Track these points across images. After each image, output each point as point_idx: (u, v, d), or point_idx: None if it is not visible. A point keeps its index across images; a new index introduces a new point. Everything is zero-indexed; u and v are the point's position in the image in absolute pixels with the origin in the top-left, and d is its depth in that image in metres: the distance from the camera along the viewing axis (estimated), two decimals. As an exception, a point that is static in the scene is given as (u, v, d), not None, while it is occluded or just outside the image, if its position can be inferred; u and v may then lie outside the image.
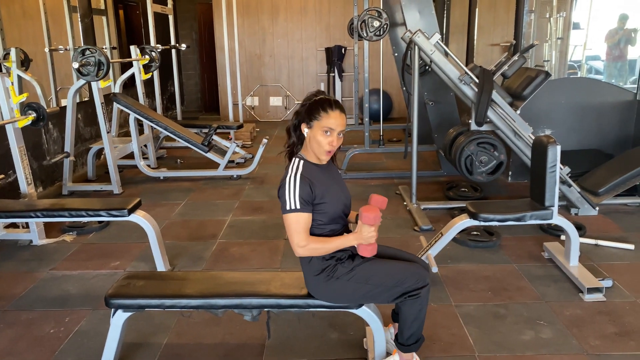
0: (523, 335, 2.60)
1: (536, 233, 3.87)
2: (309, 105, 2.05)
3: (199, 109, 10.55)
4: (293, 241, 2.01)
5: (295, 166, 2.05)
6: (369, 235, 2.00)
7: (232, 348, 2.57)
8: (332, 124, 1.99)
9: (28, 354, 2.55)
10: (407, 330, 2.14)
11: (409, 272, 2.10)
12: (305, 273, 2.14)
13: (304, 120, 2.04)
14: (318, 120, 2.00)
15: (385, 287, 2.08)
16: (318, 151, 2.04)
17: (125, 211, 3.16)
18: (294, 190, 1.98)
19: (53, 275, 3.39)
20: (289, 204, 1.98)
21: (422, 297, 2.09)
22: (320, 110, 2.00)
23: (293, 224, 2.00)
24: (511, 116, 3.94)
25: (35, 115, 3.79)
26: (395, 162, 6.17)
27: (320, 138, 2.00)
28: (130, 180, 5.56)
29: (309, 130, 2.03)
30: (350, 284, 2.08)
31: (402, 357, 2.16)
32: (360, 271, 2.08)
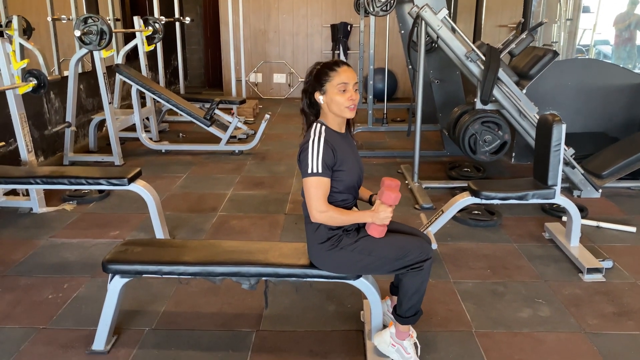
0: (520, 313, 2.59)
1: (537, 214, 3.85)
2: (315, 72, 2.02)
3: (202, 85, 10.48)
4: (312, 205, 1.98)
5: (318, 130, 2.01)
6: (385, 216, 2.00)
7: (230, 317, 2.58)
8: (345, 78, 1.97)
9: (26, 318, 2.56)
10: (407, 302, 2.13)
11: (412, 244, 2.09)
12: (309, 240, 2.13)
13: (316, 89, 2.01)
14: (329, 81, 1.97)
15: (388, 259, 2.07)
16: (340, 111, 2.00)
17: (125, 180, 3.15)
18: (317, 154, 1.96)
19: (52, 243, 3.39)
20: (311, 168, 1.96)
21: (425, 270, 2.08)
22: (328, 71, 1.98)
23: (313, 188, 1.98)
24: (517, 95, 3.89)
25: (36, 82, 3.76)
26: (398, 141, 6.12)
27: (338, 97, 1.98)
28: (132, 153, 5.54)
29: (324, 96, 2.00)
30: (353, 255, 2.07)
31: (398, 329, 2.16)
32: (364, 242, 2.07)
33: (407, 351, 2.17)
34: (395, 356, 2.17)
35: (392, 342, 2.18)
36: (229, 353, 2.31)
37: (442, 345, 2.34)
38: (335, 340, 2.39)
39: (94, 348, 2.30)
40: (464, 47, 3.93)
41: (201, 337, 2.42)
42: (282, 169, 5.06)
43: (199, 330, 2.47)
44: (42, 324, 2.52)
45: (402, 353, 2.16)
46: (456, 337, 2.40)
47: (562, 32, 6.76)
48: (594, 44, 7.46)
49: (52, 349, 2.33)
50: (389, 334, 2.19)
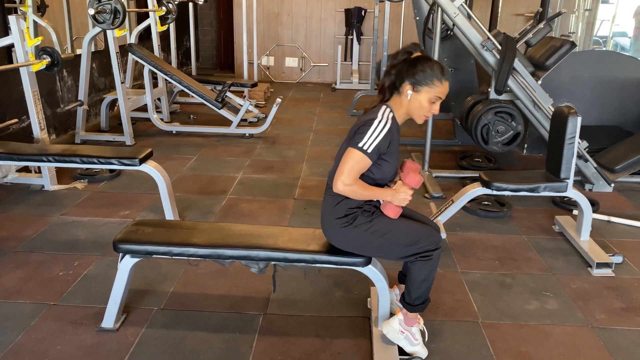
0: (528, 305, 2.59)
1: (548, 206, 3.83)
2: (419, 67, 1.97)
3: (214, 66, 10.45)
4: (341, 176, 1.97)
5: (387, 115, 2.00)
6: (404, 197, 2.02)
7: (237, 300, 2.60)
8: (443, 94, 2.00)
9: (37, 294, 2.59)
10: (415, 290, 2.13)
11: (424, 232, 2.10)
12: (326, 212, 2.13)
13: (411, 82, 1.98)
14: (431, 87, 1.97)
15: (399, 244, 2.07)
16: (416, 114, 2.03)
17: (136, 160, 3.16)
18: (376, 136, 1.95)
19: (63, 220, 3.42)
20: (364, 143, 1.95)
21: (434, 260, 2.09)
22: (435, 79, 1.97)
23: (353, 161, 1.97)
24: (532, 86, 3.84)
25: (50, 60, 3.76)
26: (410, 129, 6.06)
27: (425, 104, 1.99)
28: (143, 133, 5.55)
29: (415, 93, 1.99)
30: (366, 235, 2.07)
31: (406, 317, 2.17)
32: (378, 224, 2.07)
33: (415, 337, 2.18)
34: (403, 343, 2.18)
35: (401, 329, 2.18)
36: (236, 335, 2.33)
37: (448, 335, 2.35)
38: (342, 326, 2.40)
39: (103, 325, 2.33)
40: (480, 36, 3.88)
41: (209, 318, 2.44)
42: (292, 153, 5.05)
43: (207, 311, 2.49)
44: (52, 300, 2.55)
45: (411, 339, 2.17)
46: (462, 327, 2.40)
47: (580, 22, 6.66)
48: (612, 36, 7.34)
49: (62, 325, 2.36)
50: (397, 321, 2.20)
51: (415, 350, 2.18)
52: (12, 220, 3.41)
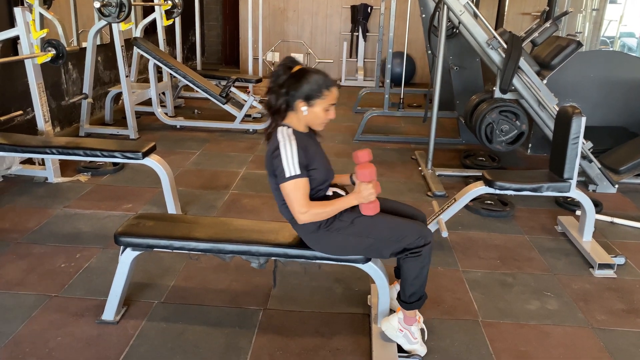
0: (528, 305, 2.58)
1: (551, 206, 3.81)
2: (306, 82, 1.96)
3: (219, 62, 10.44)
4: (294, 209, 1.98)
5: (287, 134, 2.00)
6: (368, 193, 2.01)
7: (238, 295, 2.60)
8: (333, 100, 2.01)
9: (38, 285, 2.61)
10: (409, 288, 2.12)
11: (410, 228, 2.08)
12: (303, 237, 2.12)
13: (303, 98, 1.97)
14: (322, 98, 1.98)
15: (385, 242, 2.06)
16: (315, 123, 2.05)
17: (139, 154, 3.17)
18: (291, 156, 1.96)
19: (66, 213, 3.44)
20: (289, 171, 1.95)
21: (423, 256, 2.06)
22: (324, 90, 1.98)
23: (293, 191, 1.97)
24: (537, 85, 3.82)
25: (55, 53, 3.77)
26: (414, 127, 6.08)
27: (321, 114, 2.01)
28: (147, 127, 5.56)
29: (310, 108, 1.99)
30: (351, 238, 2.07)
31: (405, 315, 2.17)
32: (361, 224, 2.07)
33: (414, 336, 2.17)
34: (402, 341, 2.18)
35: (400, 327, 2.18)
36: (235, 329, 2.33)
37: (447, 333, 2.35)
38: (341, 323, 2.40)
39: (103, 318, 2.34)
40: (485, 34, 3.86)
41: (209, 312, 2.45)
42: (296, 149, 5.04)
43: (207, 305, 2.50)
44: (54, 291, 2.56)
45: (410, 338, 2.17)
46: (462, 326, 2.40)
47: (587, 22, 6.62)
48: (619, 36, 7.29)
49: (63, 316, 2.37)
50: (396, 319, 2.19)
51: (414, 349, 2.17)
52: (15, 211, 3.42)
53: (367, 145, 5.22)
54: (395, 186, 4.17)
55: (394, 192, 4.00)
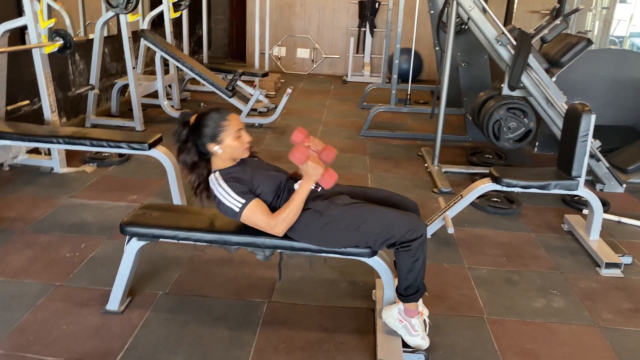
0: (534, 303, 2.57)
1: (558, 205, 3.79)
2: (203, 126, 2.05)
3: (225, 55, 10.42)
4: (265, 229, 2.04)
5: (214, 179, 2.07)
6: (312, 169, 1.98)
7: (243, 287, 2.60)
8: (238, 125, 2.07)
9: (43, 274, 2.61)
10: (404, 281, 2.10)
11: (400, 221, 2.04)
12: (295, 236, 2.11)
13: (209, 141, 2.05)
14: (224, 131, 2.04)
15: (374, 236, 2.04)
16: (238, 153, 2.09)
17: (145, 145, 3.16)
18: (228, 194, 2.03)
19: (72, 203, 3.44)
20: (235, 206, 2.01)
21: (414, 250, 2.02)
22: (221, 122, 2.05)
23: (252, 216, 2.02)
24: (546, 83, 3.80)
25: (63, 42, 3.76)
26: (420, 123, 6.05)
27: (235, 143, 2.07)
28: (153, 119, 5.55)
29: (220, 145, 2.05)
30: (340, 233, 2.05)
31: (406, 307, 2.14)
32: (349, 218, 2.05)
33: (415, 329, 2.14)
34: (402, 332, 2.16)
35: (400, 318, 2.16)
36: (239, 322, 2.33)
37: (452, 329, 2.33)
38: (345, 317, 2.39)
39: (108, 308, 2.34)
40: (494, 30, 3.84)
41: (213, 304, 2.45)
42: (302, 144, 5.03)
43: (212, 297, 2.50)
44: (58, 281, 2.56)
45: (409, 330, 2.14)
46: (467, 322, 2.39)
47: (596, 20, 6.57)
48: (629, 36, 7.23)
49: (68, 305, 2.37)
50: (397, 309, 2.17)
51: (414, 341, 2.15)
52: (21, 201, 3.43)
53: (373, 142, 5.21)
54: (401, 182, 4.15)
55: (400, 188, 3.98)
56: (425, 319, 2.21)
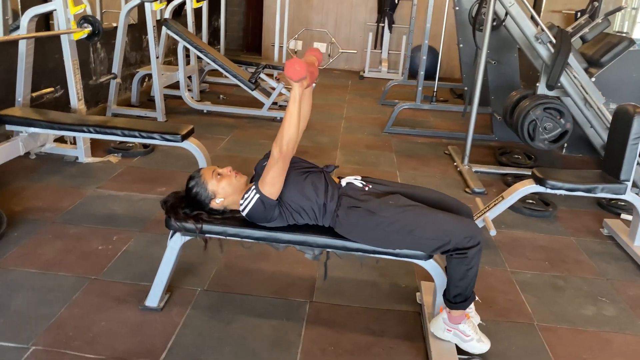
0: (584, 310, 2.48)
1: (593, 208, 3.70)
2: (194, 195, 2.09)
3: (240, 48, 10.31)
4: (276, 159, 1.91)
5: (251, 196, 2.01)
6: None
7: (282, 285, 2.52)
8: (210, 174, 2.08)
9: (77, 267, 2.53)
10: (454, 288, 2.02)
11: (458, 227, 1.95)
12: (344, 232, 2.03)
13: (209, 201, 2.08)
14: (207, 187, 2.07)
15: (429, 240, 1.95)
16: (234, 185, 2.09)
17: (179, 137, 3.08)
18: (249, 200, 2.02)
19: (99, 194, 3.36)
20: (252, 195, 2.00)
21: (470, 258, 1.94)
22: (198, 189, 2.08)
23: (264, 179, 1.96)
24: (585, 83, 3.70)
25: (91, 29, 3.67)
26: (443, 121, 5.96)
27: (223, 183, 2.07)
28: (173, 110, 5.46)
29: (217, 195, 2.07)
30: (393, 235, 1.97)
31: (450, 315, 2.06)
32: (404, 220, 1.95)
33: (466, 334, 2.07)
34: (455, 340, 2.09)
35: (447, 327, 2.09)
36: (283, 322, 2.25)
37: (503, 336, 2.25)
38: (392, 320, 2.31)
39: (147, 304, 2.26)
40: (534, 28, 3.74)
41: (254, 302, 2.37)
42: (326, 139, 4.95)
43: (252, 295, 2.42)
44: (93, 274, 2.48)
45: (461, 336, 2.08)
46: (518, 329, 2.31)
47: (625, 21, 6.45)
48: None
49: (105, 300, 2.30)
50: (441, 320, 2.10)
51: (470, 346, 2.08)
52: (47, 190, 3.35)
53: (397, 139, 5.13)
54: (432, 181, 4.06)
55: (429, 186, 3.88)
56: (475, 322, 2.13)
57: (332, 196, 2.03)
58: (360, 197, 2.01)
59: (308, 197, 2.02)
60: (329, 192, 2.03)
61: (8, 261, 2.53)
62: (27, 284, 2.37)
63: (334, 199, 2.02)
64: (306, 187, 2.03)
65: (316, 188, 2.03)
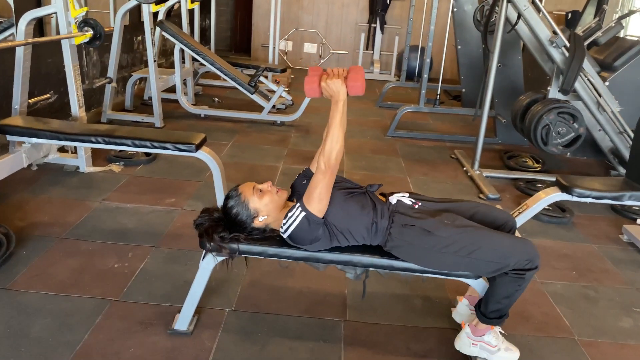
0: (621, 323, 2.44)
1: (608, 213, 3.68)
2: (236, 220, 1.95)
3: (228, 48, 10.14)
4: (321, 177, 1.84)
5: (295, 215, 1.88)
6: (330, 85, 1.91)
7: (312, 304, 2.41)
8: (250, 190, 1.95)
9: (94, 288, 2.38)
10: (494, 304, 1.95)
11: (518, 251, 1.86)
12: (394, 250, 1.95)
13: (252, 221, 1.95)
14: (250, 204, 1.93)
15: (487, 264, 1.87)
16: (276, 202, 1.96)
17: (193, 146, 2.94)
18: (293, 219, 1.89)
19: (106, 206, 3.20)
20: (297, 214, 1.87)
21: (525, 279, 1.88)
22: (241, 201, 1.93)
23: (309, 196, 1.86)
24: (599, 87, 3.68)
25: (93, 33, 3.50)
26: (443, 124, 5.91)
27: (266, 199, 1.94)
28: (170, 115, 5.30)
29: (260, 214, 1.94)
30: (449, 257, 1.88)
31: (474, 328, 2.00)
32: (463, 242, 1.86)
33: (492, 344, 2.01)
34: (483, 354, 2.02)
35: (472, 342, 2.02)
36: (320, 344, 2.15)
37: (547, 353, 2.19)
38: (432, 339, 2.23)
39: (176, 328, 2.14)
40: (548, 32, 3.70)
41: (287, 323, 2.26)
42: (330, 144, 4.84)
43: (283, 315, 2.31)
44: (113, 295, 2.34)
45: (488, 348, 2.01)
46: (560, 345, 2.25)
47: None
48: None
49: (130, 324, 2.16)
50: (464, 334, 2.04)
51: (499, 357, 2.01)
52: (51, 203, 3.18)
53: (401, 142, 5.06)
54: (443, 187, 4.00)
55: (443, 193, 3.83)
56: (498, 331, 2.05)
57: (383, 214, 1.93)
58: (413, 215, 1.92)
59: (354, 217, 1.92)
60: (377, 210, 1.93)
61: (20, 283, 2.38)
62: (44, 308, 2.22)
63: (385, 217, 1.93)
64: (352, 206, 1.93)
65: (363, 207, 1.93)
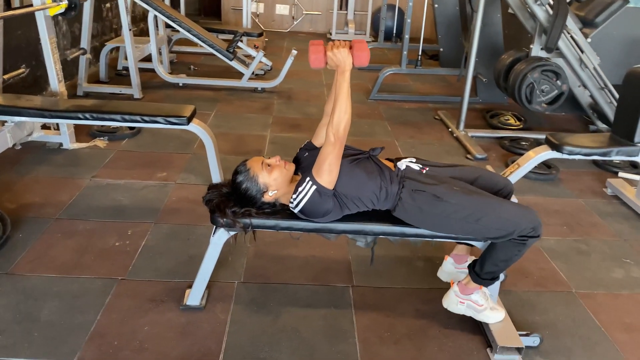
0: (613, 273, 2.56)
1: (590, 168, 3.79)
2: (246, 195, 1.95)
3: (197, 12, 9.83)
4: (331, 148, 1.86)
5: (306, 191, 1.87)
6: (337, 55, 1.83)
7: (318, 271, 2.45)
8: (259, 162, 1.95)
9: (99, 268, 2.36)
10: (490, 266, 2.00)
11: (523, 219, 1.91)
12: (405, 217, 1.97)
13: (262, 196, 1.94)
14: (259, 179, 1.92)
15: (493, 231, 1.91)
16: (284, 176, 1.95)
17: (184, 119, 2.89)
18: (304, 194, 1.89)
19: (97, 183, 3.14)
20: (308, 188, 1.87)
21: (526, 246, 1.94)
22: (250, 176, 1.93)
23: (319, 167, 1.86)
24: (581, 44, 3.72)
25: (68, 3, 3.34)
26: (423, 85, 5.93)
27: (275, 173, 1.93)
28: (147, 85, 5.13)
29: (270, 188, 1.94)
30: (458, 222, 1.91)
31: (463, 287, 2.06)
32: (471, 208, 1.90)
33: (479, 303, 2.06)
34: (469, 312, 2.07)
35: (460, 300, 2.08)
36: (331, 310, 2.20)
37: (548, 306, 2.29)
38: (438, 300, 2.26)
39: (189, 303, 2.14)
40: (532, -11, 3.70)
41: (296, 291, 2.30)
42: (314, 110, 4.82)
43: (292, 284, 2.34)
44: (119, 274, 2.33)
45: (474, 306, 2.06)
46: (559, 298, 2.35)
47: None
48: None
49: (141, 302, 2.16)
50: (452, 293, 2.10)
51: (484, 316, 2.06)
52: (39, 183, 3.10)
53: (385, 106, 5.07)
54: (431, 149, 4.04)
55: (431, 155, 3.88)
56: (485, 291, 2.10)
57: (392, 179, 1.95)
58: (423, 180, 1.95)
59: (363, 184, 1.93)
60: (385, 176, 1.95)
61: (21, 267, 2.34)
62: (50, 291, 2.19)
63: (395, 182, 1.94)
64: (359, 174, 1.94)
65: (369, 173, 1.95)
